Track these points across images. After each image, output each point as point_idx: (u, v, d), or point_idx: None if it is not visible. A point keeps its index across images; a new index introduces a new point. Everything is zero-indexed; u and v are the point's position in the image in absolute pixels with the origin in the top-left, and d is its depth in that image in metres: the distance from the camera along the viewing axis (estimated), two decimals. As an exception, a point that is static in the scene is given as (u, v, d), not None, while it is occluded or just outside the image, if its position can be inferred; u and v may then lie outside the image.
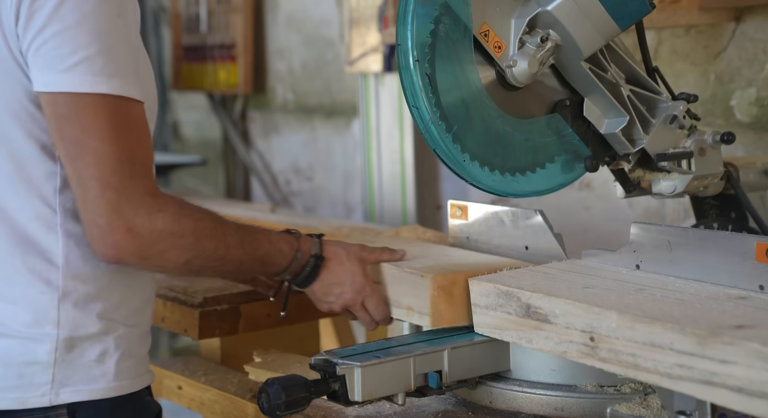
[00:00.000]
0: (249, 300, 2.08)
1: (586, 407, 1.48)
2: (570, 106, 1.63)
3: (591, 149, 1.65)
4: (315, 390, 1.42)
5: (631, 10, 1.52)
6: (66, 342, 1.46)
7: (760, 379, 1.14)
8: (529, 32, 1.55)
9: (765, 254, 1.40)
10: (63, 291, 1.46)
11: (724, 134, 1.67)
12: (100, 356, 1.49)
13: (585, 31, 1.54)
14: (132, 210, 1.40)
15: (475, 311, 1.54)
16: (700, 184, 1.70)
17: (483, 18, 1.52)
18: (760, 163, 1.85)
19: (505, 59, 1.55)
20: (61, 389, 1.46)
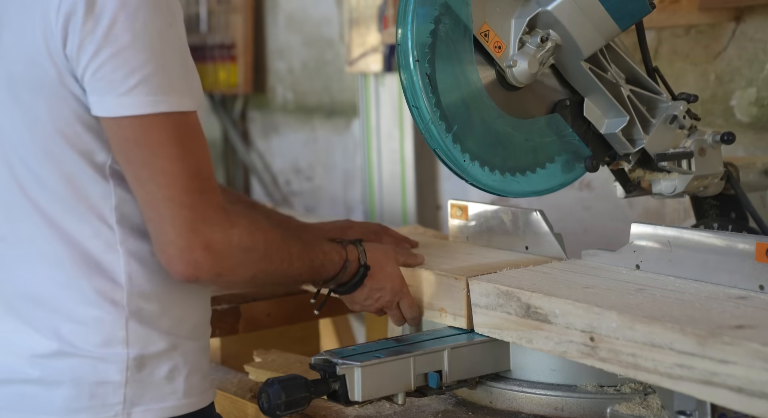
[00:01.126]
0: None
1: (586, 407, 1.48)
2: (570, 106, 1.63)
3: (591, 149, 1.65)
4: (315, 390, 1.42)
5: (631, 10, 1.52)
6: (136, 361, 1.44)
7: (760, 379, 1.14)
8: (529, 32, 1.55)
9: (765, 254, 1.40)
10: (129, 310, 1.44)
11: (725, 134, 1.67)
12: (170, 373, 1.47)
13: (585, 31, 1.54)
14: (209, 227, 1.39)
15: (475, 311, 1.54)
16: (700, 185, 1.70)
17: (483, 18, 1.52)
18: (760, 163, 1.85)
19: (505, 59, 1.55)
20: (133, 408, 1.44)
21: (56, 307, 1.43)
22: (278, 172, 3.89)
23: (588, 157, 1.63)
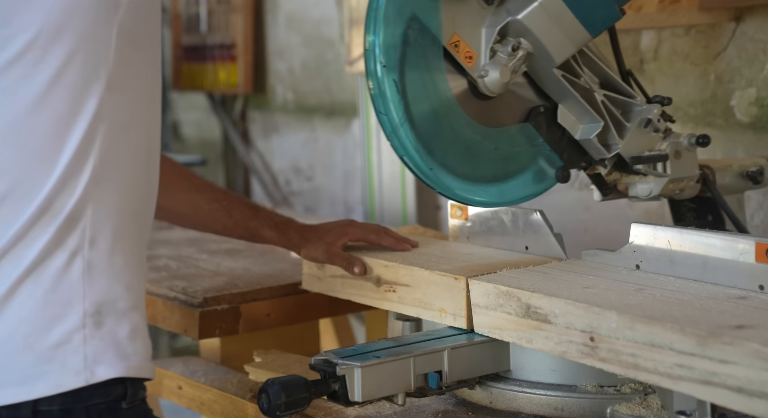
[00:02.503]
0: (249, 300, 2.08)
1: (586, 407, 1.48)
2: (544, 113, 1.62)
3: (567, 155, 1.64)
4: (315, 390, 1.42)
5: (601, 16, 1.51)
6: (94, 318, 1.44)
7: (760, 379, 1.14)
8: (500, 41, 1.54)
9: (765, 254, 1.40)
10: (87, 262, 1.45)
11: (700, 137, 1.66)
12: (132, 334, 1.47)
13: (556, 39, 1.53)
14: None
15: (475, 311, 1.54)
16: (675, 187, 1.69)
17: (453, 29, 1.51)
18: (736, 166, 1.85)
19: (477, 69, 1.54)
20: (96, 366, 1.44)
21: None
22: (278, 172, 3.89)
23: (559, 168, 1.62)
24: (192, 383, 1.96)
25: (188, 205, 1.97)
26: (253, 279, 2.19)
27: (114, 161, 1.46)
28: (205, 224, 2.03)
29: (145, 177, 1.54)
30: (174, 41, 4.23)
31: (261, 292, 2.11)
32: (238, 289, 2.10)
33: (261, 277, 2.22)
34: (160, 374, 2.05)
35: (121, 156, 1.47)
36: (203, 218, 1.99)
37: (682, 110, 2.39)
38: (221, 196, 1.98)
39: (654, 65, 2.44)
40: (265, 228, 1.94)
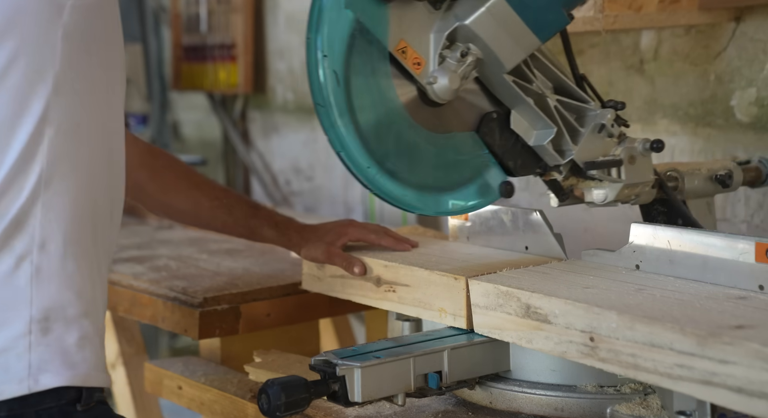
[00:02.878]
0: (249, 300, 2.08)
1: (586, 408, 1.48)
2: (497, 120, 1.59)
3: (520, 162, 1.61)
4: (315, 391, 1.42)
5: (550, 21, 1.48)
6: (41, 324, 1.42)
7: (760, 379, 1.14)
8: (449, 46, 1.50)
9: (765, 254, 1.40)
10: (36, 265, 1.42)
11: (654, 142, 1.65)
12: (80, 341, 1.44)
13: (505, 45, 1.50)
14: None
15: (475, 312, 1.54)
16: (631, 193, 1.67)
17: (400, 34, 1.47)
18: (705, 169, 1.84)
19: (425, 76, 1.50)
20: (41, 374, 1.41)
21: None
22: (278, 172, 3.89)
23: (503, 182, 1.58)
24: (192, 383, 1.96)
25: (189, 201, 1.96)
26: (253, 279, 2.19)
27: (65, 165, 1.43)
28: (205, 221, 2.03)
29: (104, 181, 1.51)
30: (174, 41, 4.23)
31: (261, 292, 2.11)
32: (238, 289, 2.10)
33: (261, 277, 2.22)
34: (160, 374, 2.05)
35: (73, 159, 1.44)
36: (204, 215, 1.98)
37: (682, 110, 2.39)
38: (222, 193, 1.98)
39: (654, 65, 2.44)
40: (265, 227, 1.93)
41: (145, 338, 2.81)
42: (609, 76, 2.55)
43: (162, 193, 1.95)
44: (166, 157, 1.97)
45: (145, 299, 2.19)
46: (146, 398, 2.61)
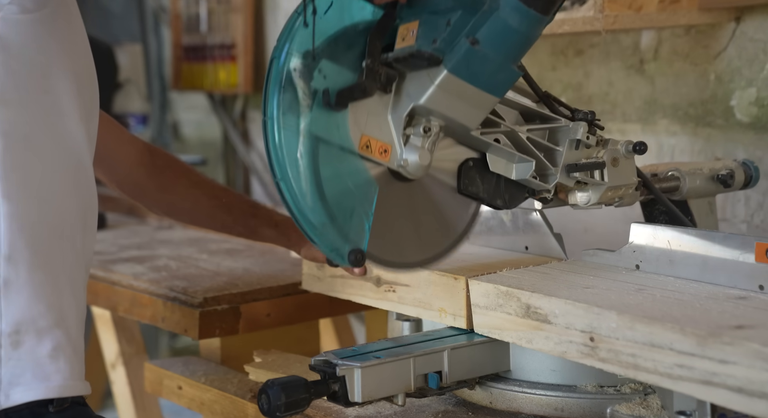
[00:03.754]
0: (249, 300, 2.08)
1: (586, 408, 1.48)
2: (474, 166, 1.56)
3: (508, 196, 1.59)
4: (315, 391, 1.42)
5: (503, 80, 1.44)
6: (11, 337, 1.39)
7: (760, 379, 1.14)
8: (410, 123, 1.47)
9: (765, 254, 1.40)
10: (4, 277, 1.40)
11: (637, 144, 1.64)
12: (54, 351, 1.42)
13: (465, 111, 1.46)
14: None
15: (475, 312, 1.54)
16: (614, 195, 1.66)
17: (360, 130, 1.44)
18: (707, 169, 1.84)
19: (395, 160, 1.46)
20: (12, 389, 1.39)
21: None
22: (278, 172, 3.89)
23: (352, 250, 1.44)
24: (192, 383, 1.96)
25: (188, 200, 1.96)
26: (253, 279, 2.19)
27: (21, 175, 1.41)
28: (204, 221, 2.02)
29: (72, 191, 1.48)
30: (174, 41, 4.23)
31: (261, 292, 2.11)
32: (238, 289, 2.10)
33: (261, 277, 2.22)
34: (160, 374, 2.05)
35: (28, 171, 1.42)
36: (203, 214, 1.98)
37: (682, 110, 2.39)
38: (221, 193, 1.98)
39: (654, 65, 2.44)
40: (265, 226, 1.93)
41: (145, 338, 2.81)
42: (609, 76, 2.55)
43: (161, 192, 1.95)
44: (165, 156, 1.97)
45: (145, 299, 2.19)
46: (146, 398, 2.61)
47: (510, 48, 1.40)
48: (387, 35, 1.43)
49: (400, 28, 1.42)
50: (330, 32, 1.41)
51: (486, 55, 1.38)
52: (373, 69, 1.41)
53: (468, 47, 1.37)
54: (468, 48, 1.37)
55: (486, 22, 1.36)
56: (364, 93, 1.41)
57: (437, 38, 1.37)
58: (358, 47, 1.43)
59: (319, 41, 1.41)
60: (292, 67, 1.39)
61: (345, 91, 1.40)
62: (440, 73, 1.39)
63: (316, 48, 1.40)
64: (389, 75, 1.43)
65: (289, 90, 1.39)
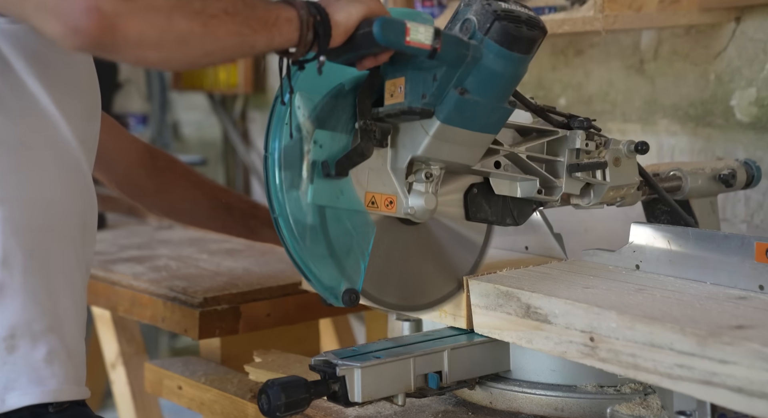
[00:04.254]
0: (249, 300, 2.08)
1: (586, 408, 1.48)
2: (479, 192, 1.58)
3: (516, 213, 1.60)
4: (315, 391, 1.42)
5: (496, 119, 1.45)
6: (6, 342, 1.39)
7: (760, 379, 1.14)
8: (410, 171, 1.49)
9: (765, 254, 1.40)
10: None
11: (638, 144, 1.64)
12: (48, 356, 1.42)
13: (463, 153, 1.47)
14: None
15: (475, 312, 1.54)
16: (616, 195, 1.66)
17: (364, 189, 1.45)
18: (709, 169, 1.84)
19: (402, 209, 1.48)
20: (7, 393, 1.39)
21: None
22: (278, 172, 3.89)
23: (346, 290, 1.46)
24: (192, 383, 1.96)
25: (188, 201, 1.96)
26: (253, 279, 2.19)
27: (18, 181, 1.41)
28: (204, 221, 2.02)
29: (70, 194, 1.48)
30: (174, 41, 4.22)
31: (261, 292, 2.11)
32: (238, 289, 2.10)
33: (261, 277, 2.22)
34: (160, 374, 2.05)
35: (26, 176, 1.42)
36: (203, 215, 1.98)
37: (682, 110, 2.39)
38: (221, 193, 1.98)
39: (654, 65, 2.44)
40: (265, 227, 1.93)
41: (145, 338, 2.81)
42: (609, 76, 2.55)
43: (161, 193, 1.95)
44: (165, 157, 1.97)
45: (145, 299, 2.19)
46: (146, 398, 2.61)
47: (499, 90, 1.41)
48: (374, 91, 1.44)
49: (386, 83, 1.42)
50: (316, 100, 1.42)
51: (476, 102, 1.39)
52: (367, 129, 1.42)
53: (458, 97, 1.38)
54: (458, 98, 1.38)
55: (472, 72, 1.37)
56: (363, 156, 1.42)
57: (426, 93, 1.38)
58: (348, 109, 1.44)
59: (309, 112, 1.41)
60: (287, 147, 1.40)
61: (344, 160, 1.41)
62: (434, 124, 1.40)
63: (309, 119, 1.41)
64: (383, 130, 1.45)
65: (289, 169, 1.40)
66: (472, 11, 1.38)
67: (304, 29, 1.30)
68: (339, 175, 1.41)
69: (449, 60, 1.36)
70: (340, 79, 1.43)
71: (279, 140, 1.40)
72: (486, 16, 1.36)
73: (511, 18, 1.36)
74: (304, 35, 1.30)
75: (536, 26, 1.38)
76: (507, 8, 1.37)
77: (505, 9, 1.37)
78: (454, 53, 1.35)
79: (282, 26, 1.28)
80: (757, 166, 1.89)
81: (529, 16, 1.38)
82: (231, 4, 1.23)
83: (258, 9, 1.26)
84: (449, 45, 1.35)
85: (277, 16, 1.28)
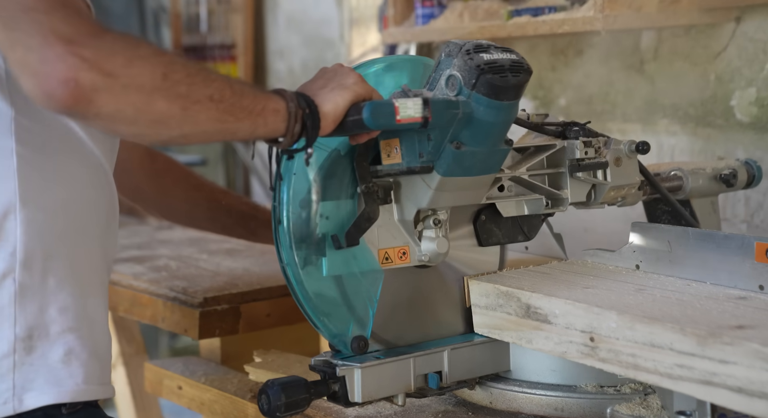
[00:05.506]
0: (249, 300, 2.08)
1: (586, 408, 1.48)
2: (487, 218, 1.60)
3: (526, 228, 1.62)
4: (315, 391, 1.42)
5: (496, 160, 1.46)
6: (25, 342, 1.40)
7: (760, 379, 1.14)
8: (418, 219, 1.51)
9: (765, 254, 1.40)
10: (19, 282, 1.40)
11: (640, 144, 1.64)
12: (66, 357, 1.43)
13: (468, 196, 1.50)
14: (69, 25, 1.14)
15: (475, 312, 1.54)
16: (617, 195, 1.66)
17: (375, 246, 1.47)
18: (710, 169, 1.84)
19: (416, 257, 1.50)
20: (25, 394, 1.40)
21: None
22: (278, 173, 3.89)
23: (355, 337, 1.48)
24: (192, 383, 1.96)
25: (187, 204, 1.96)
26: (253, 279, 2.19)
27: (41, 183, 1.41)
28: (204, 223, 2.02)
29: (93, 196, 1.49)
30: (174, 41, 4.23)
31: (261, 292, 2.11)
32: (238, 289, 2.10)
33: (261, 277, 2.22)
34: (160, 374, 2.05)
35: (49, 178, 1.42)
36: (202, 217, 1.98)
37: (682, 110, 2.39)
38: (221, 195, 1.98)
39: (654, 65, 2.44)
40: (265, 228, 1.93)
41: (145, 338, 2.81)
42: (609, 76, 2.55)
43: (161, 195, 1.95)
44: (165, 159, 1.97)
45: (145, 299, 2.19)
46: (146, 398, 2.61)
47: (494, 137, 1.42)
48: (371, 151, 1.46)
49: (381, 143, 1.44)
50: (313, 174, 1.43)
51: (474, 152, 1.41)
52: (370, 191, 1.44)
53: (455, 152, 1.39)
54: (455, 152, 1.39)
55: (465, 126, 1.38)
56: (370, 220, 1.45)
57: (423, 152, 1.40)
58: (347, 174, 1.46)
59: (308, 186, 1.42)
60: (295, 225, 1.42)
61: (352, 230, 1.43)
62: (435, 178, 1.42)
63: (308, 194, 1.42)
64: (385, 187, 1.47)
65: (300, 247, 1.42)
66: (455, 67, 1.39)
67: (291, 121, 1.31)
68: (350, 246, 1.43)
69: (441, 124, 1.37)
70: (334, 146, 1.44)
71: (288, 203, 1.42)
72: (470, 72, 1.36)
73: (495, 69, 1.36)
74: (291, 127, 1.31)
75: (520, 70, 1.38)
76: (489, 60, 1.37)
77: (487, 61, 1.36)
78: (446, 116, 1.37)
79: (268, 116, 1.28)
80: (758, 166, 1.89)
81: (512, 61, 1.38)
82: (218, 90, 1.22)
83: (246, 97, 1.26)
84: (439, 110, 1.37)
85: (264, 106, 1.28)
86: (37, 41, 1.13)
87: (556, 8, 2.42)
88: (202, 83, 1.21)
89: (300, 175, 1.42)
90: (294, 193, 1.42)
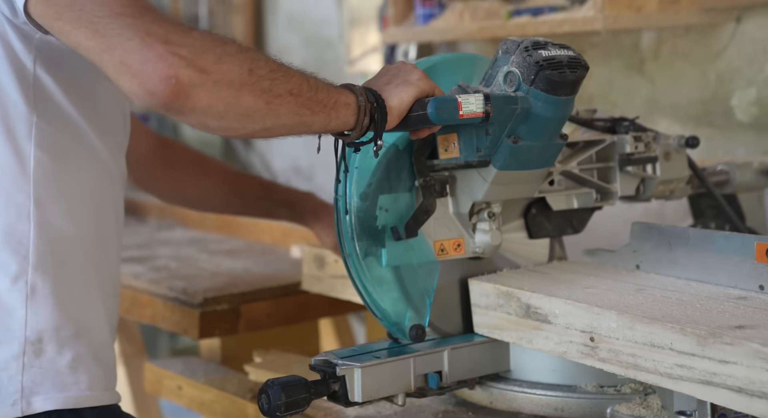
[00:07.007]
0: (249, 300, 2.08)
1: (586, 408, 1.48)
2: (538, 211, 1.62)
3: (576, 221, 1.65)
4: (315, 391, 1.42)
5: (551, 154, 1.49)
6: (35, 345, 1.41)
7: (760, 379, 1.14)
8: (473, 212, 1.53)
9: (765, 254, 1.40)
10: (31, 286, 1.41)
11: (689, 138, 1.65)
12: (73, 362, 1.44)
13: (522, 189, 1.53)
14: (161, 26, 1.19)
15: (475, 312, 1.54)
16: (666, 189, 1.68)
17: (432, 238, 1.50)
18: (757, 163, 1.85)
19: (470, 249, 1.54)
20: (33, 397, 1.41)
21: None
22: (278, 172, 3.89)
23: (413, 326, 1.50)
24: (192, 383, 1.96)
25: (200, 189, 1.99)
26: (253, 279, 2.20)
27: (57, 187, 1.43)
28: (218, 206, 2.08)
29: (107, 202, 1.51)
30: (174, 41, 4.23)
31: (261, 292, 2.11)
32: (238, 289, 2.10)
33: (261, 277, 2.22)
34: (160, 374, 2.05)
35: (65, 183, 1.44)
36: (216, 201, 2.02)
37: (682, 110, 2.39)
38: (234, 177, 2.01)
39: (654, 65, 2.44)
40: (279, 207, 1.96)
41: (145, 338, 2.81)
42: (609, 76, 2.55)
43: (173, 182, 1.98)
44: (177, 146, 2.00)
45: (145, 299, 2.19)
46: (146, 398, 2.61)
47: (550, 131, 1.44)
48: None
49: (438, 137, 1.47)
50: (373, 166, 1.47)
51: (530, 146, 1.43)
52: (428, 185, 1.48)
53: (512, 146, 1.42)
54: (512, 147, 1.42)
55: (523, 121, 1.41)
56: (428, 213, 1.48)
57: (480, 146, 1.43)
58: (405, 168, 1.49)
59: (369, 180, 1.46)
60: (356, 220, 1.46)
61: (411, 222, 1.47)
62: (491, 172, 1.45)
63: (369, 188, 1.46)
64: (442, 181, 1.51)
65: (363, 238, 1.46)
66: (513, 63, 1.41)
67: (361, 114, 1.34)
68: (409, 237, 1.47)
69: (501, 119, 1.40)
70: (391, 141, 1.47)
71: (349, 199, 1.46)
72: (529, 68, 1.39)
73: (553, 65, 1.38)
74: (360, 120, 1.35)
75: (577, 66, 1.40)
76: (548, 56, 1.39)
77: (546, 58, 1.39)
78: (505, 112, 1.40)
79: (340, 110, 1.32)
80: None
81: (570, 57, 1.40)
82: (297, 85, 1.27)
83: (320, 92, 1.30)
84: (499, 106, 1.39)
85: (336, 100, 1.32)
86: (135, 43, 1.18)
87: (556, 8, 2.42)
88: (283, 78, 1.26)
89: (362, 169, 1.47)
90: (357, 186, 1.46)
